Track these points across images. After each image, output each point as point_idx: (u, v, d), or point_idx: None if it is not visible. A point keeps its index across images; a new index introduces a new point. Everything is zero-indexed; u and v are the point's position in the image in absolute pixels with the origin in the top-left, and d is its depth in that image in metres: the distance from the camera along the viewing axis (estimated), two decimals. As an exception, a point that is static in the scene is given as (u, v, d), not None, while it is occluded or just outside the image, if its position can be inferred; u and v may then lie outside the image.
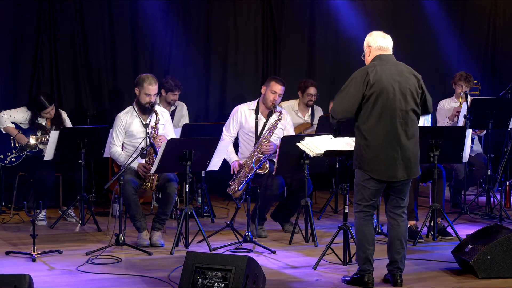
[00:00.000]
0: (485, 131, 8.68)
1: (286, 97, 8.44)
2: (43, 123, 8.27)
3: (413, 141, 5.68)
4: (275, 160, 7.26)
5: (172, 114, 8.80)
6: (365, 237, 5.75)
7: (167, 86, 8.72)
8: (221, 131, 7.82)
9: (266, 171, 7.42)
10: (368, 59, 5.80)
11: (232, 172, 7.53)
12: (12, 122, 8.21)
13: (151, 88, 7.28)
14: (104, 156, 7.92)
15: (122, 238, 6.74)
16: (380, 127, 5.59)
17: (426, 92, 5.77)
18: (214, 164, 7.11)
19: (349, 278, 5.86)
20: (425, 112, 5.88)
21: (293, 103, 9.21)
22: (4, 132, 8.21)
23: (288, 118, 7.88)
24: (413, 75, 5.72)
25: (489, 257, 5.99)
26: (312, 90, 9.10)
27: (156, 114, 7.26)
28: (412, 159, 5.68)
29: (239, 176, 7.46)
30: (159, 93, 8.61)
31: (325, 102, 9.69)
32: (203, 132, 8.34)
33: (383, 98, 5.57)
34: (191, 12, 9.97)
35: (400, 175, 5.65)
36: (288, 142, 7.04)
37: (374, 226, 7.27)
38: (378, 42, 5.76)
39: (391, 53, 5.78)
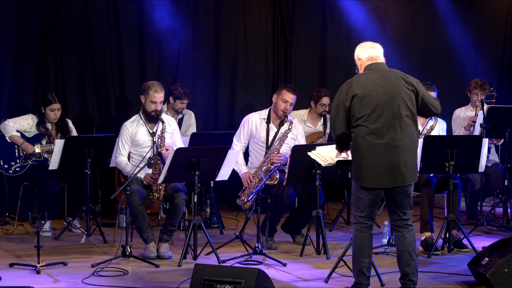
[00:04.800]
0: (502, 140, 8.57)
1: (297, 106, 8.32)
2: (49, 128, 8.19)
3: (403, 147, 5.51)
4: (286, 170, 7.16)
5: (180, 123, 8.74)
6: (360, 249, 5.66)
7: (176, 93, 8.64)
8: (230, 140, 7.73)
9: (276, 181, 7.33)
10: (361, 72, 5.74)
11: (245, 187, 7.44)
12: (17, 131, 8.14)
13: (157, 95, 7.21)
14: (111, 165, 7.84)
15: (129, 250, 6.68)
16: (366, 134, 5.49)
17: (424, 94, 5.59)
18: (223, 174, 7.04)
19: None
20: (430, 113, 5.75)
21: (302, 113, 9.08)
22: (9, 141, 8.15)
23: (300, 127, 7.79)
24: (404, 80, 5.58)
25: (506, 270, 5.87)
26: (325, 100, 8.97)
27: (162, 122, 7.19)
28: (402, 166, 5.50)
29: (249, 186, 7.37)
30: (167, 100, 8.57)
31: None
32: (212, 141, 8.31)
33: (366, 105, 5.49)
34: (199, 18, 9.90)
35: (387, 182, 5.52)
36: (299, 152, 6.96)
37: (387, 237, 7.25)
38: (367, 53, 5.73)
39: (382, 61, 5.72)
